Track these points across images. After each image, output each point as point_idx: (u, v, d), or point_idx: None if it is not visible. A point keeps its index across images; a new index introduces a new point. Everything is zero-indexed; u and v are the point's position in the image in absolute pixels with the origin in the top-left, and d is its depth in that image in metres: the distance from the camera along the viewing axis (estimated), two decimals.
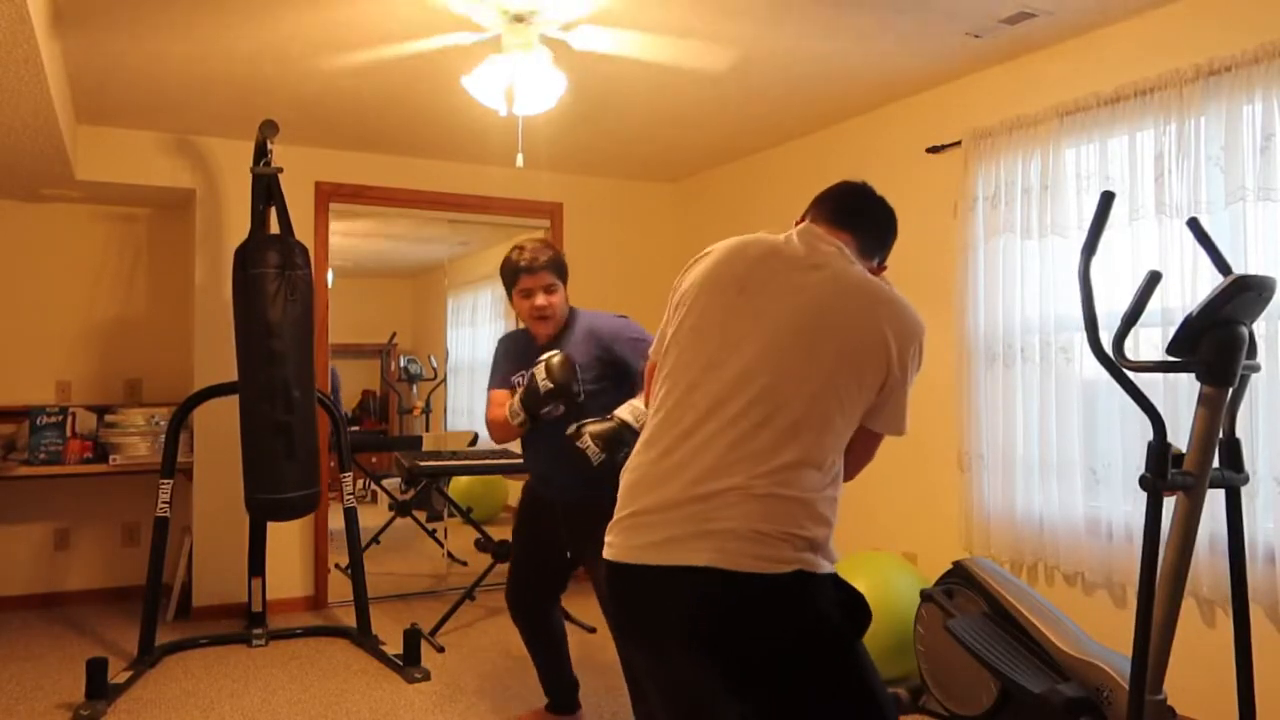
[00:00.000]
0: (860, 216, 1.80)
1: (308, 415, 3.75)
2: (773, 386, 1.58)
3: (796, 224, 1.81)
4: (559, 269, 2.87)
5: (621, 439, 2.58)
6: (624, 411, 2.62)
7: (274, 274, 3.69)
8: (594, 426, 2.59)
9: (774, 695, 1.53)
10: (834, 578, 1.61)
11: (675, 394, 1.66)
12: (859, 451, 1.72)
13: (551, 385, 2.66)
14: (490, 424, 2.93)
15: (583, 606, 4.58)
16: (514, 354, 2.96)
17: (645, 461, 1.66)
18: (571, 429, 2.61)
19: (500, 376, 2.99)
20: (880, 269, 1.84)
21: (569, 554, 2.94)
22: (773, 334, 1.61)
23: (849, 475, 1.73)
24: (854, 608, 1.61)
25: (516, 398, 2.78)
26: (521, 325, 3.02)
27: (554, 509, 2.90)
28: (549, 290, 2.82)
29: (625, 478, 1.70)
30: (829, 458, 1.61)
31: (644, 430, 1.72)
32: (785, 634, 1.53)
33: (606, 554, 1.67)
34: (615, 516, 1.68)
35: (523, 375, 2.83)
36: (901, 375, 1.66)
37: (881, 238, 1.83)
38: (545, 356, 2.72)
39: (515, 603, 3.06)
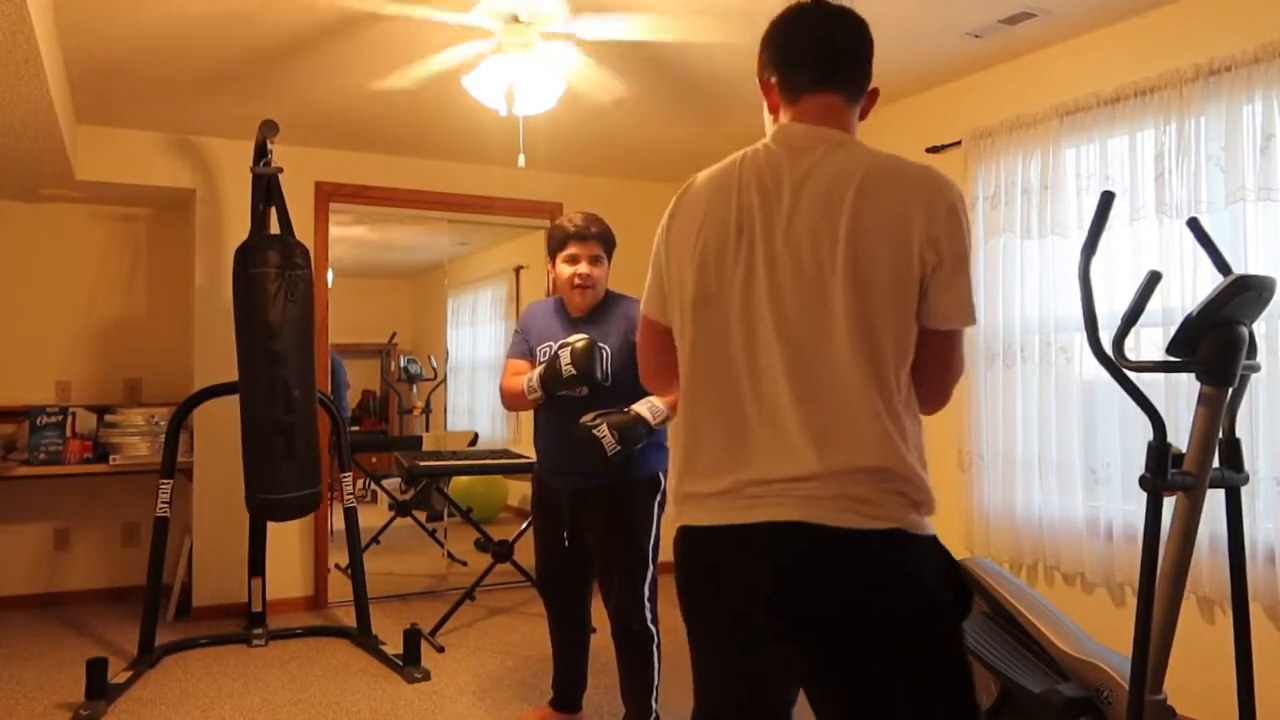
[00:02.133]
0: (840, 62, 1.53)
1: (308, 415, 3.75)
2: (797, 347, 1.40)
3: (766, 91, 1.58)
4: (608, 243, 2.87)
5: (638, 434, 2.61)
6: (642, 407, 2.64)
7: (274, 274, 3.69)
8: (613, 418, 2.60)
9: (856, 679, 1.36)
10: (935, 541, 1.42)
11: (706, 356, 1.49)
12: (933, 364, 1.46)
13: (575, 371, 2.66)
14: (504, 392, 2.92)
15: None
16: (542, 323, 2.94)
17: (703, 445, 1.49)
18: (589, 417, 2.62)
19: (523, 343, 2.96)
20: (872, 95, 1.59)
21: (569, 539, 2.93)
22: (776, 286, 1.42)
23: (938, 396, 1.52)
24: (959, 582, 1.41)
25: (536, 374, 2.77)
26: (552, 296, 3.00)
27: (559, 496, 2.90)
28: (594, 261, 2.83)
29: (685, 461, 1.52)
30: (892, 395, 1.40)
31: (682, 409, 1.54)
32: (880, 602, 1.35)
33: (681, 521, 1.53)
34: (680, 493, 1.53)
35: (549, 347, 2.82)
36: (947, 250, 1.39)
37: (866, 67, 1.55)
38: (571, 339, 2.70)
39: (544, 589, 3.10)
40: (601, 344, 2.78)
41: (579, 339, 2.69)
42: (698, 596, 1.54)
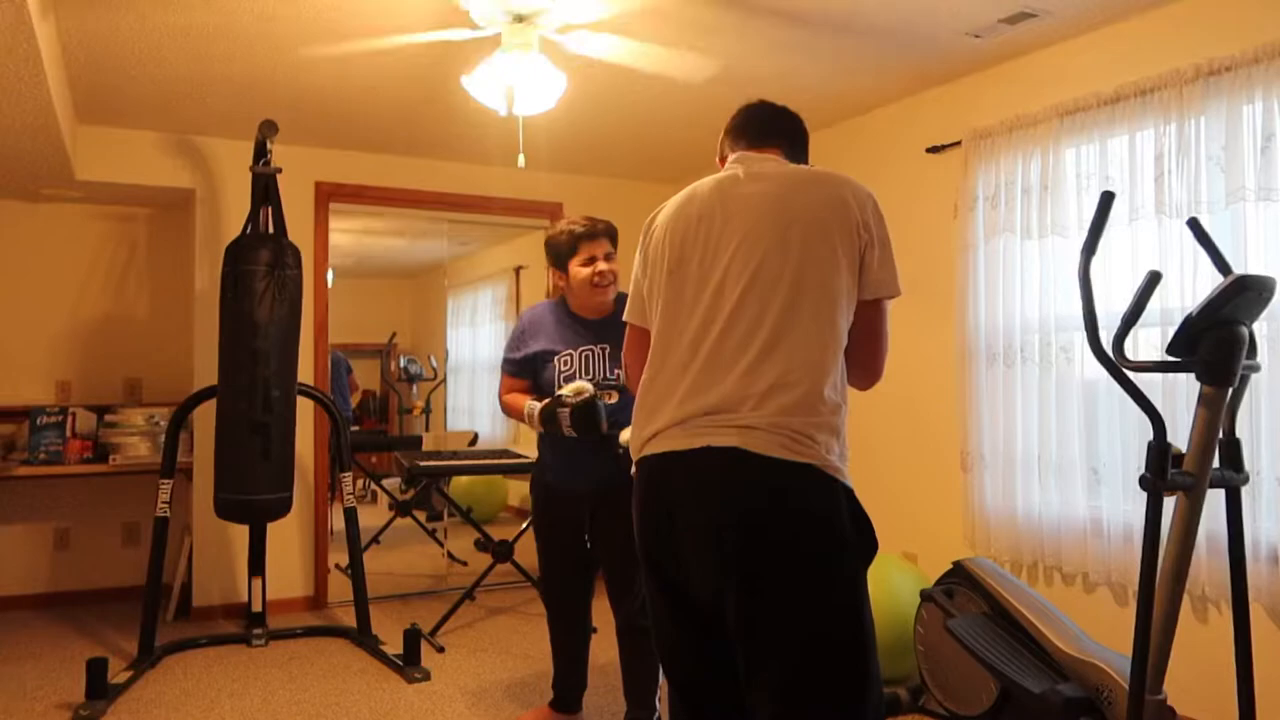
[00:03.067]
0: (777, 124, 1.91)
1: (286, 417, 3.72)
2: (750, 291, 1.66)
3: (721, 162, 1.92)
4: (614, 238, 2.87)
5: (595, 407, 2.62)
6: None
7: (264, 272, 3.68)
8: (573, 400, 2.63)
9: (772, 590, 1.59)
10: (850, 493, 1.65)
11: (668, 329, 1.76)
12: (867, 333, 1.74)
13: (575, 434, 2.63)
14: (505, 407, 2.91)
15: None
16: (550, 328, 2.87)
17: (653, 387, 1.75)
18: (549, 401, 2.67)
19: (518, 358, 2.89)
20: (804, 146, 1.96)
21: (588, 543, 2.92)
22: (738, 245, 1.69)
23: (871, 369, 1.77)
24: (867, 530, 1.65)
25: (538, 412, 2.73)
26: (550, 299, 2.99)
27: (578, 502, 2.87)
28: (609, 257, 2.81)
29: (637, 405, 1.79)
30: (828, 362, 1.65)
31: (648, 364, 1.79)
32: (800, 522, 1.60)
33: (633, 454, 1.78)
34: (636, 436, 1.77)
35: (569, 357, 2.79)
36: (875, 232, 1.72)
37: (802, 141, 1.94)
38: (570, 397, 2.63)
39: (548, 593, 3.08)
40: (610, 380, 2.77)
41: (579, 397, 2.62)
42: (647, 513, 1.75)
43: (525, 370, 2.90)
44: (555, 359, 2.82)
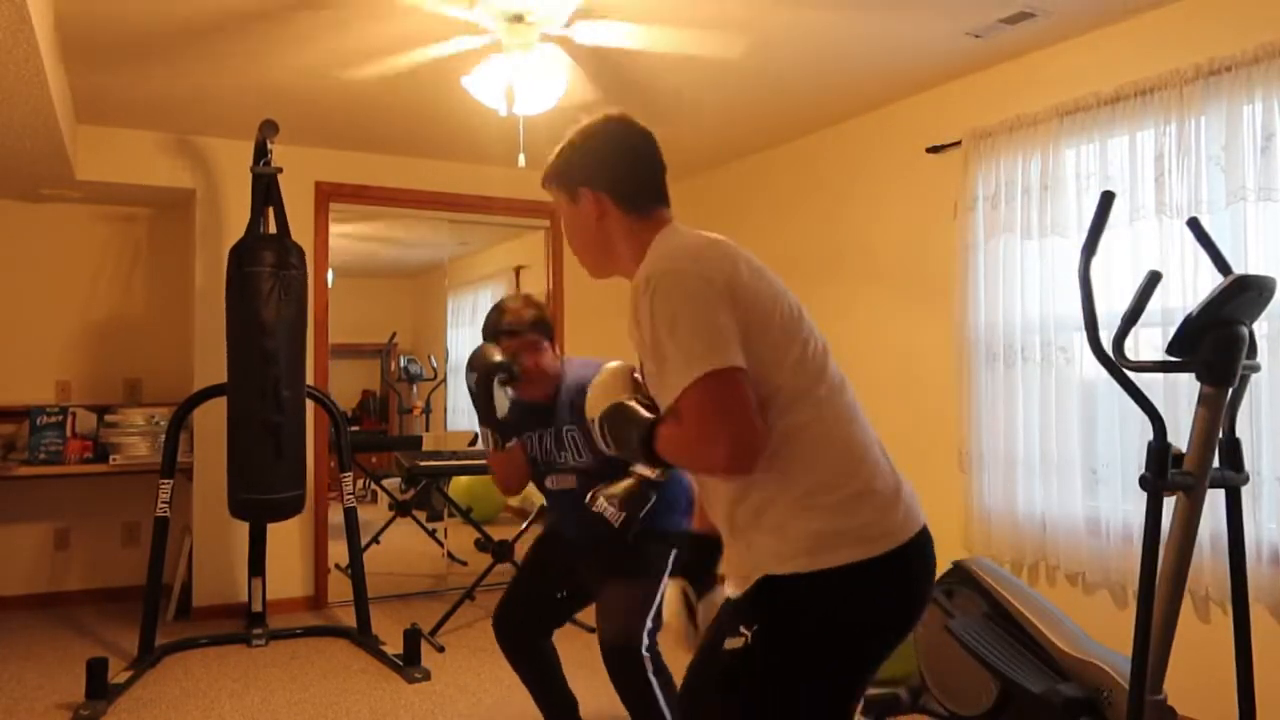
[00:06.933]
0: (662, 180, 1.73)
1: (297, 416, 3.73)
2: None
3: (645, 216, 1.66)
4: (544, 328, 2.71)
5: (645, 496, 2.28)
6: (641, 466, 2.32)
7: (269, 273, 3.69)
8: (610, 489, 2.38)
9: None
10: None
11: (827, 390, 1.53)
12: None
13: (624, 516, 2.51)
14: (499, 484, 2.84)
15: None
16: (511, 414, 2.73)
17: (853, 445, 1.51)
18: (588, 498, 2.45)
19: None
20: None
21: (579, 587, 2.81)
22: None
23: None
24: None
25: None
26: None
27: (575, 549, 2.78)
28: (535, 349, 2.68)
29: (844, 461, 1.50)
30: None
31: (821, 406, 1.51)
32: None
33: (894, 540, 1.45)
34: (878, 507, 1.47)
35: (529, 439, 2.75)
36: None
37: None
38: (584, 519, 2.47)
39: (499, 629, 2.85)
40: (569, 427, 2.67)
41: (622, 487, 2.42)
42: (905, 619, 1.51)
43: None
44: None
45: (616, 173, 1.68)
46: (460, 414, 5.78)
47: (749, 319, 1.45)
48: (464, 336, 5.84)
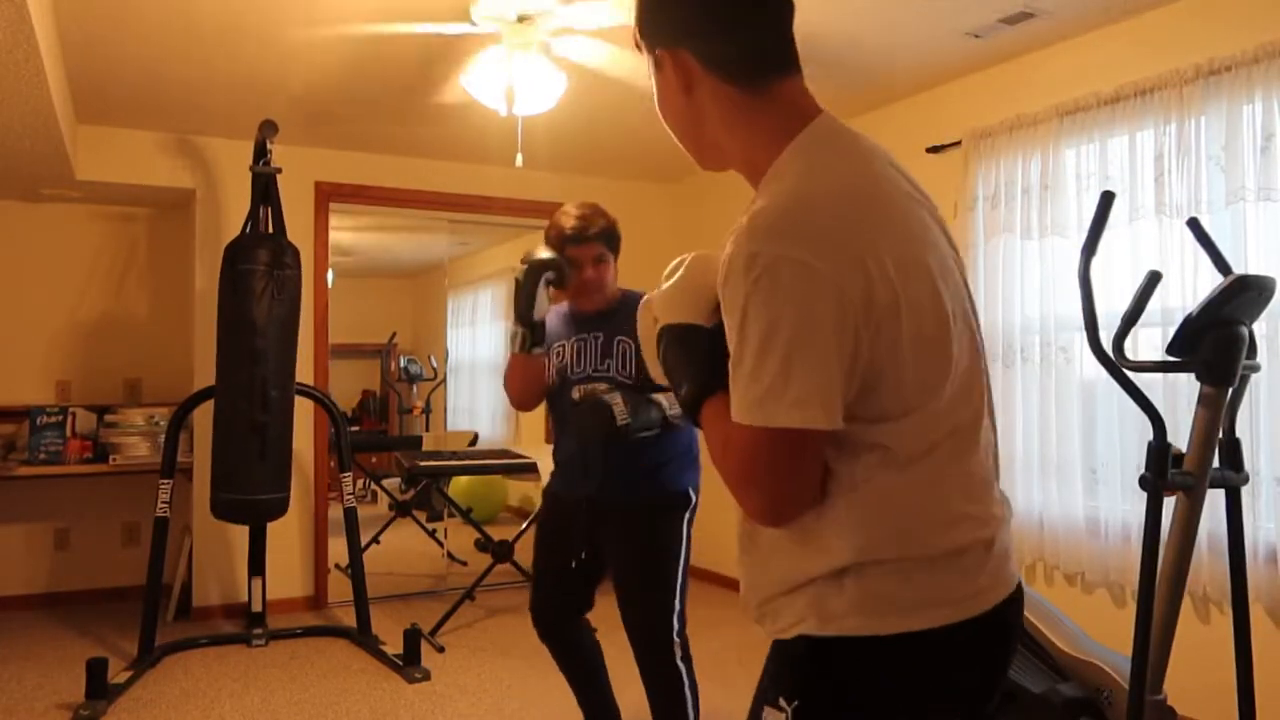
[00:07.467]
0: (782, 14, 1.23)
1: (284, 417, 3.71)
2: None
3: (757, 90, 1.23)
4: (611, 239, 2.56)
5: (653, 423, 2.37)
6: (660, 397, 2.40)
7: (262, 272, 3.68)
8: (628, 394, 2.38)
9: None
10: None
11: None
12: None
13: (587, 441, 2.45)
14: (508, 380, 2.66)
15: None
16: (553, 326, 2.64)
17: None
18: (602, 388, 2.44)
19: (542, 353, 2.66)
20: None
21: (585, 555, 2.64)
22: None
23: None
24: None
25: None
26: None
27: (579, 513, 2.60)
28: (598, 261, 2.53)
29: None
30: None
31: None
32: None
33: (976, 606, 1.17)
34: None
35: (562, 346, 2.59)
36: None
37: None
38: (582, 406, 2.45)
39: (538, 619, 2.73)
40: (624, 339, 2.54)
41: (591, 404, 2.38)
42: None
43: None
44: (551, 351, 2.64)
45: (707, 22, 1.18)
46: (460, 414, 5.79)
47: (875, 356, 1.05)
48: (464, 336, 5.84)
